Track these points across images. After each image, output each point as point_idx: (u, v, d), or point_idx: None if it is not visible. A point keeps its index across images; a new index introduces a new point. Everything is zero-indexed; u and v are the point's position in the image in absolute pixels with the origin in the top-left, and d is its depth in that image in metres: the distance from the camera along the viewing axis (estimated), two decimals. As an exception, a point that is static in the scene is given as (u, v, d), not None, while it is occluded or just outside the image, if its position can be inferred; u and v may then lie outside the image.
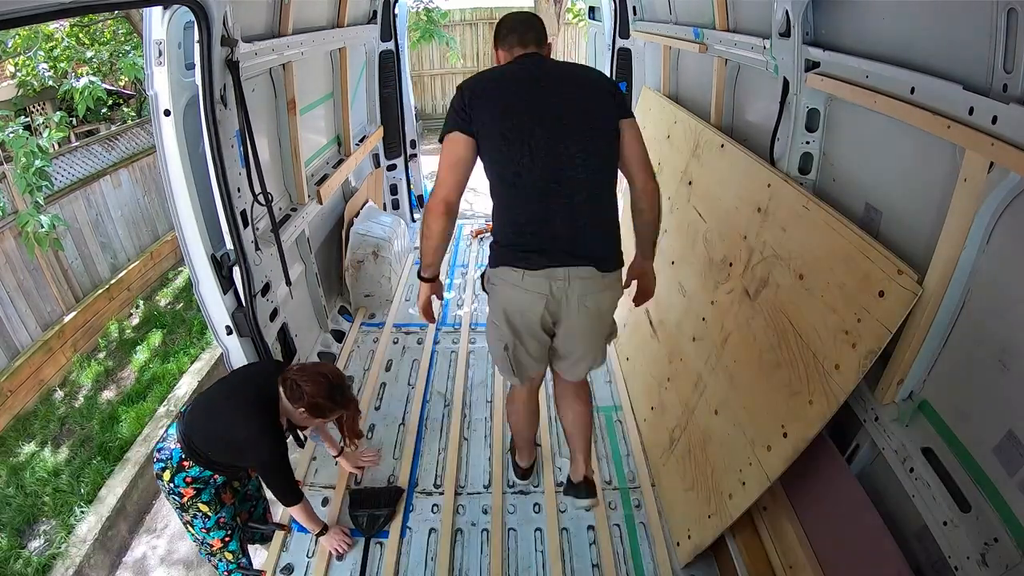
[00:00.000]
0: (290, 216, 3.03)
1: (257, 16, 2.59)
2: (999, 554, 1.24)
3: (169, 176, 2.14)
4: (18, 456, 4.05)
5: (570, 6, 10.87)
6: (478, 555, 2.29)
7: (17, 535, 3.48)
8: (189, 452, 2.05)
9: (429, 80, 11.60)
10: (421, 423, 2.92)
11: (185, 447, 2.05)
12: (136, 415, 4.29)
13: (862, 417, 1.70)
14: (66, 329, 5.00)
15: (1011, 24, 1.18)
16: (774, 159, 2.29)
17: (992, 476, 1.32)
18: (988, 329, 1.36)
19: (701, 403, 2.30)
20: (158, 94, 2.04)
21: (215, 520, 2.19)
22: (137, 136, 6.42)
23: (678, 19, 3.38)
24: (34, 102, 7.33)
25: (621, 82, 4.58)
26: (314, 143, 3.62)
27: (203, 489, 2.13)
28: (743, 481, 1.92)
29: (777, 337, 1.89)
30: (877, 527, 1.55)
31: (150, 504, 3.86)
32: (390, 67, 4.67)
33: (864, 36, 1.78)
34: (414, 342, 3.60)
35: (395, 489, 2.52)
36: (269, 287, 2.62)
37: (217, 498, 2.18)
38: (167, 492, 2.13)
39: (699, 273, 2.54)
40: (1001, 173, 1.23)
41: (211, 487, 2.15)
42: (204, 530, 2.20)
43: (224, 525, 2.22)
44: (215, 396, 2.15)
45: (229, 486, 2.25)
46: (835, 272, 1.69)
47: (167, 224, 6.50)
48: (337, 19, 3.57)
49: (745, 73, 2.75)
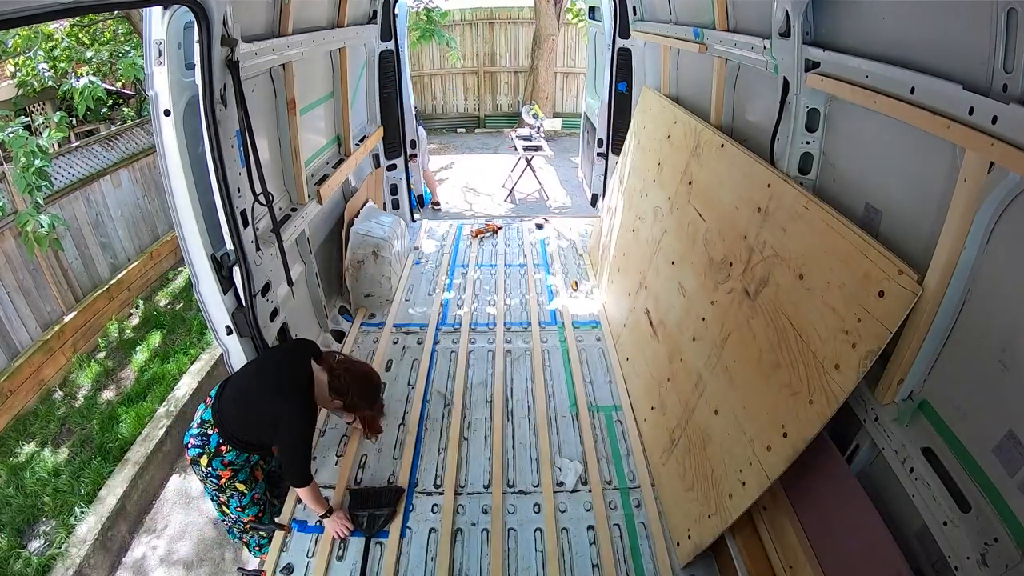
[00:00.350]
0: (290, 216, 3.03)
1: (257, 16, 2.59)
2: (999, 554, 1.24)
3: (169, 176, 2.14)
4: (18, 456, 4.05)
5: (570, 6, 10.88)
6: (478, 555, 2.29)
7: (17, 535, 3.48)
8: (226, 437, 2.16)
9: (429, 80, 11.60)
10: (421, 423, 2.92)
11: (222, 432, 2.16)
12: (136, 415, 4.29)
13: (862, 417, 1.70)
14: (66, 329, 5.00)
15: (1011, 24, 1.18)
16: (774, 159, 2.29)
17: (992, 476, 1.32)
18: (988, 329, 1.36)
19: (701, 403, 2.30)
20: (158, 94, 2.04)
21: (250, 497, 2.32)
22: (137, 136, 6.42)
23: (678, 19, 3.39)
24: (34, 102, 7.34)
25: (621, 82, 4.59)
26: (314, 143, 3.62)
27: (240, 470, 2.25)
28: (743, 481, 1.92)
29: (777, 337, 1.90)
30: (877, 527, 1.55)
31: (150, 504, 3.86)
32: (390, 67, 4.67)
33: (864, 36, 1.78)
34: (414, 342, 3.60)
35: (396, 489, 2.52)
36: (269, 287, 2.62)
37: (252, 476, 2.32)
38: (204, 476, 2.25)
39: (699, 273, 2.54)
40: (1001, 173, 1.23)
41: (247, 468, 2.28)
42: (239, 508, 2.32)
43: (258, 501, 2.36)
44: (249, 377, 2.27)
45: (260, 464, 2.37)
46: (835, 272, 1.69)
47: (167, 224, 6.50)
48: (337, 19, 3.57)
49: (745, 73, 2.75)
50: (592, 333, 3.66)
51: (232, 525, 2.46)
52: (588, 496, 2.51)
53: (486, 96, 11.83)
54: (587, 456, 2.69)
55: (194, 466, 2.25)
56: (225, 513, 2.36)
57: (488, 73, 11.65)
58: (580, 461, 2.68)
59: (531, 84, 11.26)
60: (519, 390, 3.16)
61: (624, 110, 4.58)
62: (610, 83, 4.65)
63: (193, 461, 2.23)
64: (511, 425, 2.91)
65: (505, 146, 9.36)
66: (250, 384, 2.24)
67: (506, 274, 4.42)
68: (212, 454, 2.17)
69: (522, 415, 2.98)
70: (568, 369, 3.30)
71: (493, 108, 11.92)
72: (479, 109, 11.93)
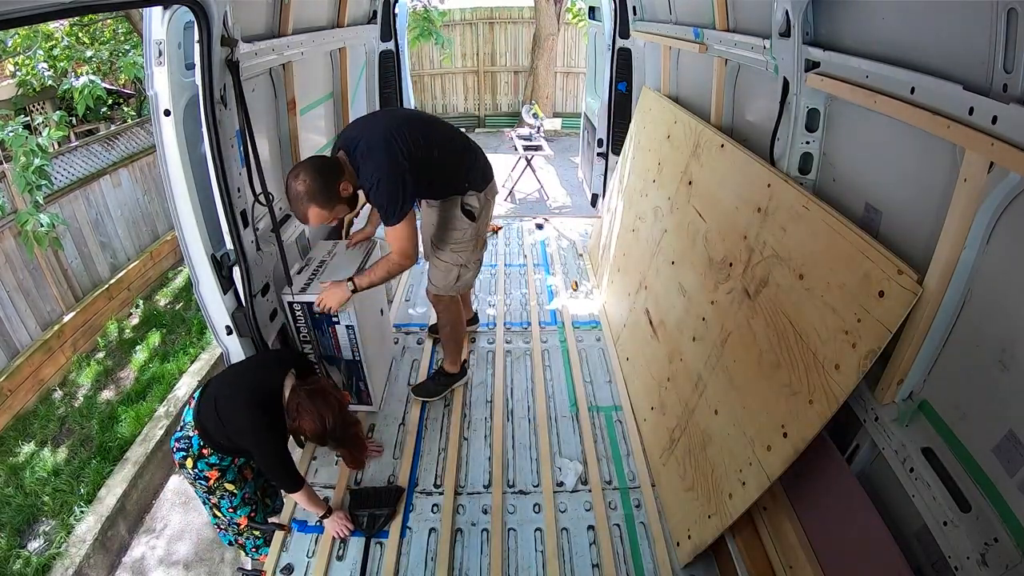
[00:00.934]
0: (290, 216, 3.03)
1: (257, 16, 2.59)
2: (999, 554, 1.24)
3: (169, 176, 2.14)
4: (18, 456, 4.05)
5: (570, 6, 10.88)
6: (478, 555, 2.29)
7: (17, 535, 3.48)
8: (207, 440, 2.12)
9: (429, 80, 11.60)
10: (421, 423, 2.92)
11: (203, 435, 2.12)
12: (136, 415, 4.29)
13: (862, 417, 1.70)
14: (66, 329, 5.00)
15: (1011, 24, 1.18)
16: (774, 159, 2.29)
17: (992, 476, 1.32)
18: (988, 329, 1.36)
19: (701, 403, 2.30)
20: (158, 94, 2.04)
21: (240, 497, 2.28)
22: (137, 136, 6.41)
23: (678, 19, 3.39)
24: (34, 101, 7.34)
25: (621, 82, 4.58)
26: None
27: (227, 469, 2.22)
28: (743, 481, 1.92)
29: (777, 337, 1.90)
30: (877, 527, 1.55)
31: (150, 504, 3.86)
32: (390, 67, 4.67)
33: (864, 36, 1.78)
34: (414, 342, 3.60)
35: (396, 488, 2.52)
36: (269, 287, 2.62)
37: (240, 476, 2.28)
38: (192, 479, 2.21)
39: (699, 273, 2.54)
40: (1001, 173, 1.23)
41: (233, 468, 2.24)
42: (231, 509, 2.28)
43: (249, 500, 2.31)
44: (222, 383, 2.21)
45: (248, 464, 2.33)
46: (835, 272, 1.69)
47: (167, 224, 6.50)
48: (337, 19, 3.57)
49: (745, 73, 2.75)
50: (592, 333, 3.66)
51: (226, 528, 2.40)
52: (588, 496, 2.51)
53: (486, 96, 11.83)
54: (587, 456, 2.69)
55: (181, 470, 2.21)
56: (217, 516, 2.33)
57: (488, 73, 11.65)
58: (580, 461, 2.68)
59: (531, 84, 11.26)
60: (519, 390, 3.16)
61: (624, 110, 4.58)
62: (610, 83, 4.64)
63: (180, 464, 2.19)
64: (511, 425, 2.91)
65: (505, 146, 9.36)
66: (223, 390, 2.16)
67: (506, 274, 4.42)
68: (195, 456, 2.13)
69: (522, 415, 2.98)
70: (568, 369, 3.30)
71: (493, 108, 11.92)
72: (479, 109, 11.93)
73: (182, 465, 2.18)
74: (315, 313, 2.54)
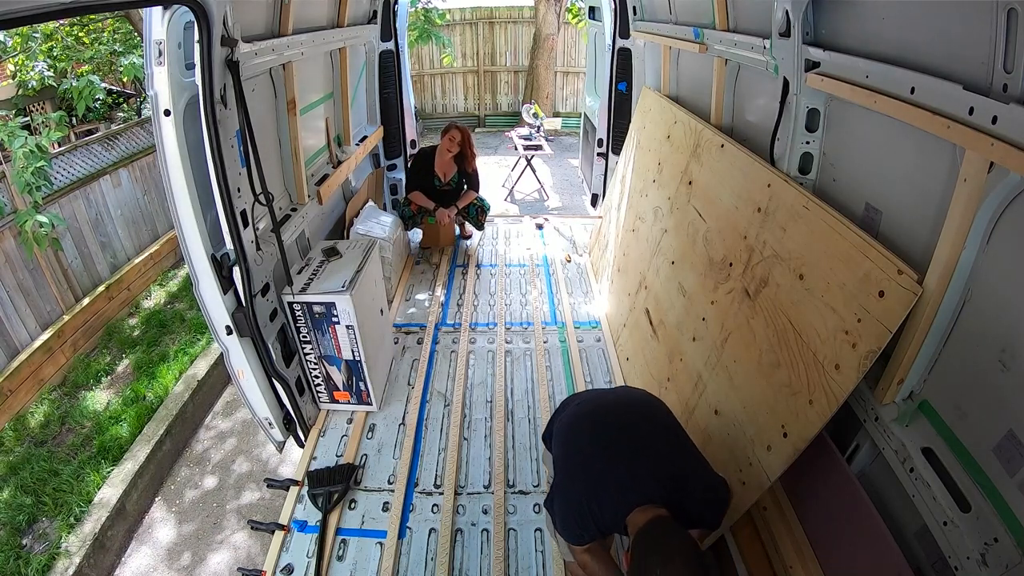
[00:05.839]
0: (290, 216, 3.03)
1: (257, 16, 2.59)
2: (999, 554, 1.24)
3: (169, 176, 2.14)
4: (17, 456, 4.05)
5: (570, 6, 10.88)
6: (478, 555, 2.29)
7: (17, 535, 3.48)
8: None
9: (429, 80, 11.60)
10: (421, 423, 2.92)
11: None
12: (136, 415, 4.28)
13: (862, 417, 1.70)
14: (66, 329, 4.99)
15: (1011, 24, 1.18)
16: (774, 159, 2.29)
17: (992, 476, 1.32)
18: (988, 329, 1.36)
19: (701, 403, 2.30)
20: (158, 94, 2.03)
21: None
22: (137, 135, 6.41)
23: (678, 19, 3.39)
24: (33, 101, 7.33)
25: (621, 82, 4.59)
26: (314, 143, 3.62)
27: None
28: (743, 481, 1.92)
29: (777, 337, 1.89)
30: (877, 527, 1.55)
31: (150, 504, 3.86)
32: (390, 67, 4.67)
33: (864, 36, 1.78)
34: (414, 342, 3.60)
35: (347, 466, 2.61)
36: (269, 287, 2.62)
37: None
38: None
39: (699, 273, 2.54)
40: (1001, 173, 1.23)
41: None
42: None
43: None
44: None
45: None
46: (835, 272, 1.69)
47: (167, 224, 6.49)
48: (337, 19, 3.57)
49: (745, 73, 2.75)
50: (592, 333, 3.66)
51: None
52: (588, 496, 2.51)
53: (486, 96, 11.82)
54: (587, 456, 2.69)
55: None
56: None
57: (488, 73, 11.64)
58: (580, 461, 2.68)
59: (531, 84, 11.26)
60: (519, 390, 3.16)
61: (624, 110, 4.58)
62: (610, 83, 4.65)
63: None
64: (511, 425, 2.91)
65: (505, 146, 9.36)
66: None
67: (506, 274, 4.42)
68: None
69: (522, 415, 2.98)
70: (568, 369, 3.30)
71: (493, 108, 11.92)
72: (479, 109, 11.92)
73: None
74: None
